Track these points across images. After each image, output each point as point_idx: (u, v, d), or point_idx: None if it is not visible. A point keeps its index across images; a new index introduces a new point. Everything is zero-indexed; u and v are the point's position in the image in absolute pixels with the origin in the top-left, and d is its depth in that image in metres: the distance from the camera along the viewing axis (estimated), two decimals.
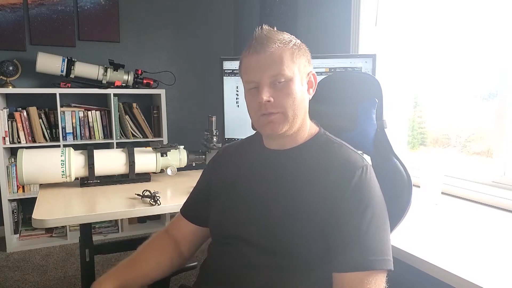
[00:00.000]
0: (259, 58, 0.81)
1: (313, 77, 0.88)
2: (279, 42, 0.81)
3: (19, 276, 2.31)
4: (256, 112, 0.84)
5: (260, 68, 0.81)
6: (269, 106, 0.81)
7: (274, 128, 0.82)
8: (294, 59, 0.82)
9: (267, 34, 0.82)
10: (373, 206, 0.78)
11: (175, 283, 1.06)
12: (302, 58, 0.84)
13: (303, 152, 0.87)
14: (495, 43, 1.52)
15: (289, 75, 0.80)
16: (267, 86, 0.80)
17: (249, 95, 0.85)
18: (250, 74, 0.83)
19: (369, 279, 0.73)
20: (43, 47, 2.80)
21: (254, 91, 0.83)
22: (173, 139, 2.89)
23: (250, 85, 0.83)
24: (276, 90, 0.81)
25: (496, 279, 0.84)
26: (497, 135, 1.47)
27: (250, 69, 0.83)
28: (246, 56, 0.84)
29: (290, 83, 0.81)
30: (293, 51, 0.82)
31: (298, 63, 0.83)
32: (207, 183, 1.00)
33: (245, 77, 0.85)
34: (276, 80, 0.80)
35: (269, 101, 0.80)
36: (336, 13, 2.19)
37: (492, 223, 1.23)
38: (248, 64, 0.83)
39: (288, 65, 0.80)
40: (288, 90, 0.81)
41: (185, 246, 1.00)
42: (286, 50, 0.81)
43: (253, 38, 0.83)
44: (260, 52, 0.81)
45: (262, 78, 0.80)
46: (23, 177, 1.46)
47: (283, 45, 0.81)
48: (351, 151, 0.85)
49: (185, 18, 3.27)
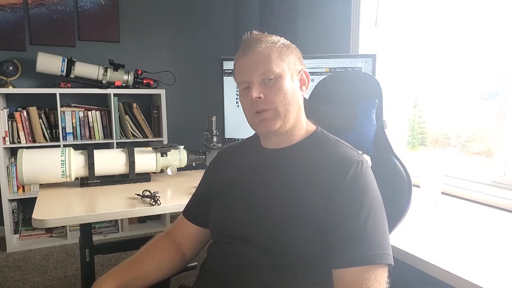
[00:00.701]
0: (248, 59, 0.84)
1: (305, 75, 0.90)
2: (266, 42, 0.84)
3: (19, 276, 2.31)
4: (249, 111, 0.86)
5: (250, 67, 0.83)
6: (260, 103, 0.82)
7: (267, 125, 0.83)
8: (282, 56, 0.84)
9: (255, 37, 0.85)
10: (370, 201, 0.78)
11: (175, 283, 1.06)
12: (290, 55, 0.86)
13: (300, 151, 0.87)
14: (495, 43, 1.52)
15: (278, 71, 0.82)
16: (257, 84, 0.83)
17: (242, 96, 0.87)
18: (241, 75, 0.85)
19: (369, 274, 0.73)
20: (43, 47, 2.80)
21: (246, 91, 0.85)
22: (173, 139, 2.89)
23: (243, 85, 0.86)
24: (267, 88, 0.83)
25: (496, 279, 0.84)
26: (497, 135, 1.47)
27: (241, 70, 0.85)
28: (236, 60, 0.87)
29: (280, 80, 0.83)
30: (281, 49, 0.85)
31: (287, 60, 0.85)
32: (208, 184, 1.00)
33: (238, 78, 0.87)
34: (266, 78, 0.82)
35: (260, 98, 0.82)
36: (336, 13, 2.19)
37: (492, 223, 1.23)
38: (239, 67, 0.86)
39: (277, 62, 0.83)
40: (278, 86, 0.83)
41: (187, 248, 1.01)
42: (274, 49, 0.84)
43: (241, 42, 0.86)
44: (249, 53, 0.84)
45: (252, 77, 0.83)
46: (23, 177, 1.46)
47: (270, 45, 0.84)
48: (347, 147, 0.86)
49: (185, 18, 3.27)
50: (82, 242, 1.51)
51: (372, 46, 1.97)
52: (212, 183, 0.99)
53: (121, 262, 0.94)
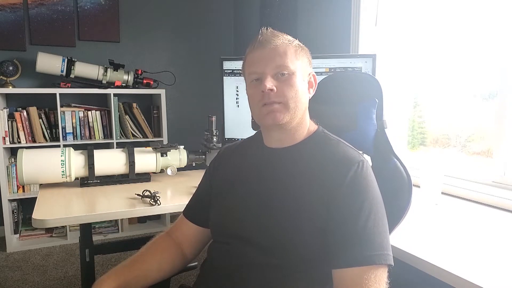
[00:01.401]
0: (264, 51, 0.84)
1: (313, 78, 0.91)
2: (283, 39, 0.85)
3: (19, 276, 2.31)
4: (258, 103, 0.84)
5: (265, 59, 0.83)
6: (272, 95, 0.82)
7: (275, 117, 0.83)
8: (297, 56, 0.85)
9: (273, 32, 0.86)
10: (370, 201, 0.78)
11: (175, 283, 1.06)
12: (304, 57, 0.87)
13: (301, 150, 0.87)
14: (495, 43, 1.52)
15: (292, 68, 0.83)
16: (271, 76, 0.83)
17: (251, 87, 0.86)
18: (254, 66, 0.85)
19: (368, 275, 0.73)
20: (43, 47, 2.80)
21: (256, 83, 0.85)
22: (173, 139, 2.89)
23: (253, 76, 0.85)
24: (280, 82, 0.83)
25: (496, 279, 0.84)
26: (497, 135, 1.47)
27: (254, 61, 0.85)
28: (251, 51, 0.87)
29: (293, 76, 0.83)
30: (296, 49, 0.86)
31: (300, 60, 0.86)
32: (209, 184, 1.01)
33: (248, 69, 0.86)
34: (279, 72, 0.83)
35: (272, 90, 0.82)
36: (336, 13, 2.19)
37: (492, 223, 1.23)
38: (253, 58, 0.86)
39: (292, 59, 0.83)
40: (291, 82, 0.83)
41: (188, 247, 1.01)
42: (290, 46, 0.85)
43: (259, 34, 0.86)
44: (266, 46, 0.84)
45: (265, 69, 0.83)
46: (23, 177, 1.46)
47: (287, 42, 0.85)
48: (348, 147, 0.86)
49: (185, 18, 3.27)
50: (82, 242, 1.51)
51: (372, 46, 1.97)
52: (212, 183, 0.99)
53: (121, 262, 0.94)
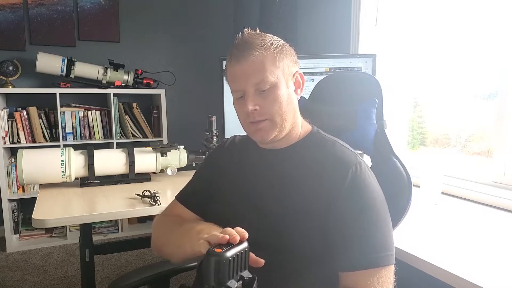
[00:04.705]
0: (241, 67, 0.80)
1: (300, 77, 0.88)
2: (259, 48, 0.79)
3: (19, 276, 2.31)
4: (244, 120, 0.85)
5: (244, 76, 0.80)
6: (256, 114, 0.81)
7: (263, 135, 0.83)
8: (276, 63, 0.81)
9: (247, 40, 0.81)
10: (371, 203, 0.78)
11: (175, 283, 1.06)
12: (285, 60, 0.83)
13: (297, 150, 0.87)
14: (495, 43, 1.52)
15: (273, 80, 0.80)
16: (252, 94, 0.80)
17: (237, 104, 0.85)
18: (235, 83, 0.83)
19: (372, 277, 0.73)
20: (43, 47, 2.80)
21: (240, 100, 0.83)
22: (173, 139, 2.89)
23: (237, 93, 0.84)
24: (262, 98, 0.81)
25: (496, 279, 0.84)
26: (497, 135, 1.47)
27: (234, 78, 0.83)
28: (229, 66, 0.84)
29: (275, 89, 0.80)
30: (275, 55, 0.81)
31: (281, 66, 0.82)
32: (210, 176, 0.98)
33: (231, 85, 0.85)
34: (261, 88, 0.80)
35: (256, 110, 0.81)
36: (336, 13, 2.19)
37: (492, 223, 1.23)
38: (233, 73, 0.83)
39: (271, 70, 0.80)
40: (273, 96, 0.80)
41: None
42: (268, 55, 0.80)
43: (233, 46, 0.82)
44: (241, 61, 0.80)
45: (246, 87, 0.80)
46: (23, 177, 1.46)
47: (263, 51, 0.80)
48: (344, 148, 0.85)
49: (185, 18, 3.27)
50: (82, 242, 1.51)
51: (372, 46, 1.97)
52: (213, 175, 0.97)
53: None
